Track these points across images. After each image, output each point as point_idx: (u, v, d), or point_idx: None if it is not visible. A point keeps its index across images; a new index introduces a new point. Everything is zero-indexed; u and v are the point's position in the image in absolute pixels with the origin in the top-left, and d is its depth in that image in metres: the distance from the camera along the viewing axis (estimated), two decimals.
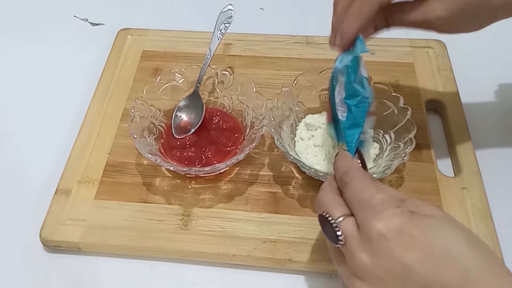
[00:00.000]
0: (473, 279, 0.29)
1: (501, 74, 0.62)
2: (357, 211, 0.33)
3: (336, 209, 0.35)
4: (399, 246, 0.31)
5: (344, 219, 0.34)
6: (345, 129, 0.41)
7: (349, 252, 0.33)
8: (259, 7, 0.74)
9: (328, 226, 0.34)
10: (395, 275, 0.31)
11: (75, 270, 0.47)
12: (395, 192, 0.34)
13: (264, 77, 0.61)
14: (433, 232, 0.31)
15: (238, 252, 0.46)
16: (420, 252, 0.30)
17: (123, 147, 0.55)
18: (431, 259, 0.30)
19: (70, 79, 0.65)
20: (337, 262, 0.36)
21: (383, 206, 0.32)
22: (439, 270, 0.30)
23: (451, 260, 0.30)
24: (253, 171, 0.52)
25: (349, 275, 0.34)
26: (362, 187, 0.34)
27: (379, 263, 0.31)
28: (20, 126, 0.60)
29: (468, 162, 0.51)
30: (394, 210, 0.32)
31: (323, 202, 0.36)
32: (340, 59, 0.42)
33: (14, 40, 0.71)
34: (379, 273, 0.31)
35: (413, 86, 0.59)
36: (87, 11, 0.74)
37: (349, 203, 0.34)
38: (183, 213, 0.49)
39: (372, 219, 0.32)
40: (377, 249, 0.31)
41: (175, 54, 0.64)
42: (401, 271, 0.31)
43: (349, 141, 0.41)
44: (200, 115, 0.54)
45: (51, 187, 0.51)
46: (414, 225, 0.31)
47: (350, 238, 0.33)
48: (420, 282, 0.30)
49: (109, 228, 0.48)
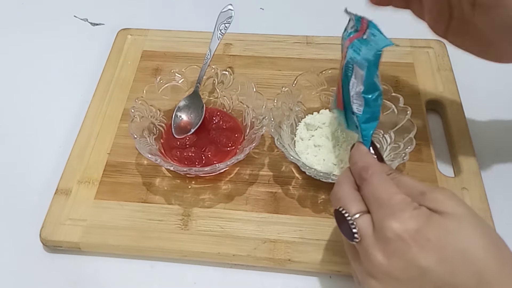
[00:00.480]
0: (487, 281, 0.29)
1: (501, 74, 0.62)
2: (375, 209, 0.33)
3: (353, 205, 0.34)
4: (415, 247, 0.31)
5: (360, 216, 0.34)
6: (361, 122, 0.40)
7: (364, 251, 0.33)
8: (259, 7, 0.74)
9: (344, 222, 0.34)
10: (409, 276, 0.31)
11: (75, 270, 0.47)
12: (415, 184, 0.34)
13: (264, 77, 0.61)
14: (450, 234, 0.31)
15: (238, 252, 0.46)
16: (436, 254, 0.30)
17: (123, 147, 0.55)
18: (446, 261, 0.30)
19: (70, 79, 0.65)
20: (352, 258, 0.36)
21: (401, 206, 0.32)
22: (454, 272, 0.30)
23: (467, 262, 0.30)
24: (253, 171, 0.52)
25: (363, 272, 0.34)
26: (381, 185, 0.34)
27: (394, 263, 0.31)
28: (20, 126, 0.60)
29: (468, 162, 0.51)
30: (412, 212, 0.32)
31: (340, 197, 0.36)
32: (356, 49, 0.40)
33: (14, 40, 0.71)
34: (394, 273, 0.31)
35: (413, 86, 0.59)
36: (87, 11, 0.74)
37: (367, 200, 0.34)
38: (183, 213, 0.49)
39: (389, 219, 0.31)
40: (393, 250, 0.31)
41: (175, 54, 0.64)
42: (415, 272, 0.31)
43: (365, 134, 0.40)
44: (200, 115, 0.54)
45: (51, 187, 0.51)
46: (431, 227, 0.31)
47: (366, 236, 0.33)
48: (435, 283, 0.30)
49: (109, 228, 0.48)
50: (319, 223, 0.48)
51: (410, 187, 0.34)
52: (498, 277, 0.29)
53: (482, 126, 0.56)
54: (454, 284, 0.30)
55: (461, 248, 0.30)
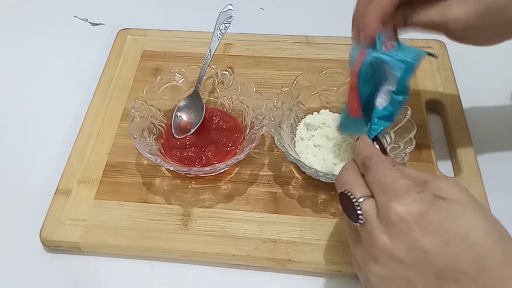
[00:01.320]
0: (489, 266, 0.29)
1: (501, 74, 0.62)
2: (378, 194, 0.33)
3: (358, 189, 0.35)
4: (418, 230, 0.31)
5: (365, 199, 0.34)
6: (376, 117, 0.41)
7: (367, 233, 0.33)
8: (259, 7, 0.74)
9: (350, 204, 0.34)
10: (412, 259, 0.31)
11: (75, 270, 0.47)
12: (418, 174, 0.34)
13: (264, 77, 0.61)
14: (452, 218, 0.31)
15: (238, 252, 0.46)
16: (438, 237, 0.30)
17: (123, 147, 0.55)
18: (448, 244, 0.30)
19: (70, 79, 0.65)
20: (353, 243, 0.36)
21: (405, 190, 0.32)
22: (456, 256, 0.30)
23: (468, 247, 0.30)
24: (253, 171, 0.52)
25: (365, 257, 0.34)
26: (385, 171, 0.34)
27: (397, 245, 0.31)
28: (20, 126, 0.60)
29: (468, 162, 0.51)
30: (416, 195, 0.32)
31: (346, 181, 0.36)
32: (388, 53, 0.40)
33: (14, 40, 0.71)
34: (397, 255, 0.31)
35: (413, 86, 0.59)
36: (87, 11, 0.74)
37: (371, 186, 0.35)
38: (183, 213, 0.49)
39: (393, 202, 0.32)
40: (396, 232, 0.31)
41: (175, 54, 0.64)
42: (418, 255, 0.31)
43: (374, 129, 0.41)
44: (200, 115, 0.54)
45: (51, 187, 0.51)
46: (435, 210, 0.31)
47: (370, 218, 0.33)
48: (436, 267, 0.30)
49: (109, 228, 0.48)
50: (319, 223, 0.48)
51: (413, 176, 0.34)
52: (500, 263, 0.29)
53: (482, 126, 0.56)
54: (455, 269, 0.30)
55: (464, 233, 0.30)
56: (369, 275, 0.33)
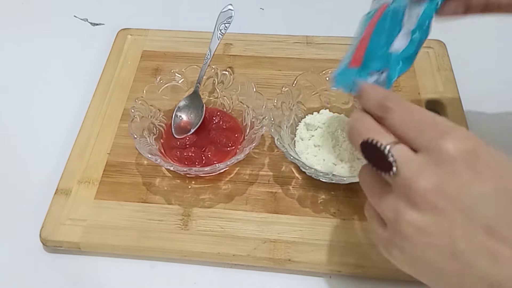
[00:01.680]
0: None
1: (501, 74, 0.62)
2: (414, 134, 0.29)
3: (383, 136, 0.30)
4: (471, 172, 0.27)
5: (394, 145, 0.29)
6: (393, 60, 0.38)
7: (402, 181, 0.29)
8: (259, 7, 0.74)
9: (377, 153, 0.30)
10: (460, 207, 0.27)
11: (75, 270, 0.47)
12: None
13: (264, 77, 0.61)
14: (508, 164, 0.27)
15: (238, 252, 0.46)
16: (493, 183, 0.27)
17: (123, 147, 0.55)
18: (503, 193, 0.26)
19: (70, 79, 0.65)
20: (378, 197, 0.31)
21: (452, 125, 0.28)
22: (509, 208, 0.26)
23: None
24: (253, 171, 0.52)
25: (398, 207, 0.29)
26: (415, 108, 0.30)
27: (444, 190, 0.27)
28: (20, 126, 0.60)
29: None
30: (466, 132, 0.28)
31: (364, 130, 0.31)
32: None
33: (14, 40, 0.71)
34: (442, 202, 0.27)
35: (413, 86, 0.59)
36: (87, 11, 0.74)
37: (398, 129, 0.30)
38: (183, 213, 0.49)
39: (440, 139, 0.27)
40: (444, 174, 0.27)
41: (175, 54, 0.64)
42: (467, 203, 0.27)
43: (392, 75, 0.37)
44: (200, 115, 0.54)
45: (51, 187, 0.51)
46: (489, 152, 0.27)
47: (406, 163, 0.28)
48: (486, 219, 0.26)
49: (109, 228, 0.48)
50: (319, 223, 0.48)
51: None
52: None
53: (482, 126, 0.56)
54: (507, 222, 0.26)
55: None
56: (404, 225, 0.29)
